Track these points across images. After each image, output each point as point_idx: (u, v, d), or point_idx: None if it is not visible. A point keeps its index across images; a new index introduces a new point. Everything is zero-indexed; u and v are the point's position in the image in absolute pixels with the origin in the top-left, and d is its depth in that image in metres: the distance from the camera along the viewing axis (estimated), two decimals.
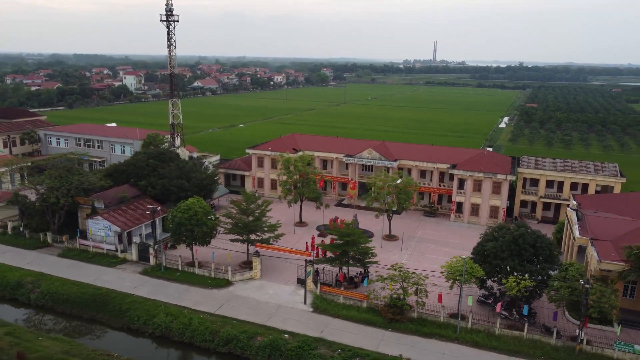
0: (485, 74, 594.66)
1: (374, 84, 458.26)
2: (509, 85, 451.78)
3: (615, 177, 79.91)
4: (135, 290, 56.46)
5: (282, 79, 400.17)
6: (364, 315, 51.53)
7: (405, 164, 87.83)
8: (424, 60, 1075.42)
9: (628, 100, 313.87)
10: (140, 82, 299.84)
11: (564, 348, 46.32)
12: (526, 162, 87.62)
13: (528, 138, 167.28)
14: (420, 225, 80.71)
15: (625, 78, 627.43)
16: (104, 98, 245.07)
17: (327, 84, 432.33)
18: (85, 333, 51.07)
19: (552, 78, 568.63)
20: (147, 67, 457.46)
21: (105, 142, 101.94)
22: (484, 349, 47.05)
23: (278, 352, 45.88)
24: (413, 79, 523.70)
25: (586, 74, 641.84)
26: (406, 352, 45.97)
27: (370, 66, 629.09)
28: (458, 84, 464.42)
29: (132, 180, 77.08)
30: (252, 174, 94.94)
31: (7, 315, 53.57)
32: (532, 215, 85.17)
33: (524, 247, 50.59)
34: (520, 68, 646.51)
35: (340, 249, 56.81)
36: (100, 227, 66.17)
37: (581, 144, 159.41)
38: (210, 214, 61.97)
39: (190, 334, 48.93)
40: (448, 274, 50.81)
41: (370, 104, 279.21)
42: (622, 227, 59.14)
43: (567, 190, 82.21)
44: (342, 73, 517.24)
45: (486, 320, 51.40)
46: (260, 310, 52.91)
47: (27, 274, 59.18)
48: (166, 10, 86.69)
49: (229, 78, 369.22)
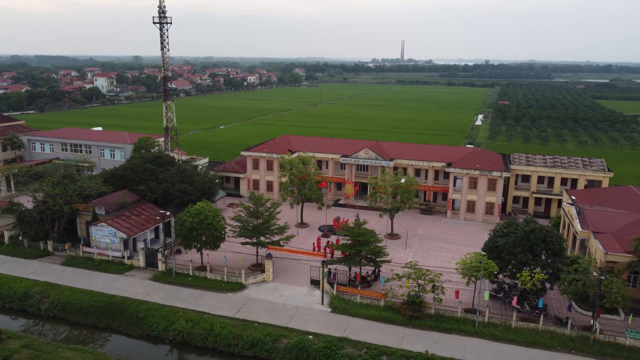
0: (453, 72, 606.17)
1: (346, 84, 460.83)
2: (478, 83, 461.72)
3: (604, 171, 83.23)
4: (148, 297, 55.77)
5: (255, 79, 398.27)
6: (383, 313, 52.35)
7: (401, 163, 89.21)
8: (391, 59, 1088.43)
9: (593, 97, 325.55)
10: (112, 84, 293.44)
11: (579, 338, 48.23)
12: (517, 159, 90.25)
13: (506, 135, 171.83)
14: (419, 223, 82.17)
15: (586, 75, 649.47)
16: (76, 101, 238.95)
17: (300, 83, 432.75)
18: (104, 342, 50.22)
19: (517, 76, 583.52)
20: (115, 69, 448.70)
21: (94, 146, 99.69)
22: (502, 342, 48.55)
23: (305, 353, 46.22)
24: (384, 78, 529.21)
25: (549, 71, 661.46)
26: (429, 348, 46.95)
27: (341, 65, 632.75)
28: (429, 83, 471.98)
29: (130, 185, 75.96)
30: (248, 177, 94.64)
31: (18, 327, 52.16)
32: (525, 211, 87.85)
33: (535, 242, 52.29)
34: (487, 66, 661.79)
35: (354, 249, 57.51)
36: (105, 234, 64.99)
37: (557, 140, 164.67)
38: (219, 218, 61.70)
39: (213, 338, 48.73)
40: (464, 271, 52.13)
41: (346, 104, 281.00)
42: (620, 220, 61.87)
43: (558, 185, 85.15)
44: (314, 73, 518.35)
45: (499, 314, 52.98)
46: (279, 312, 53.11)
47: (33, 284, 57.66)
48: (159, 12, 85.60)
49: (202, 79, 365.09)
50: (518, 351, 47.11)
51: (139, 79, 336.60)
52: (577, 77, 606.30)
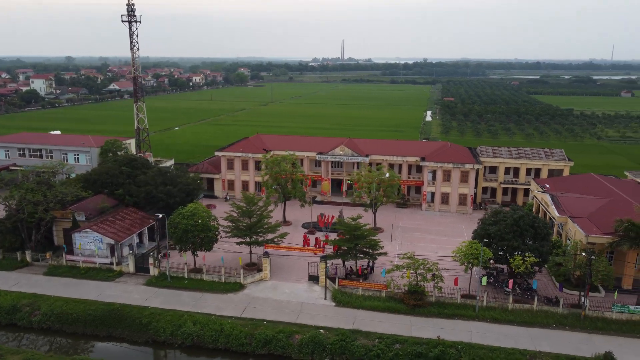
0: (394, 70, 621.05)
1: (292, 83, 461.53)
2: (419, 80, 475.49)
3: (564, 161, 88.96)
4: (147, 302, 54.35)
5: (200, 79, 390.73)
6: (387, 304, 53.81)
7: (376, 158, 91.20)
8: (332, 58, 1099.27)
9: (528, 92, 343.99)
10: (51, 86, 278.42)
11: (571, 315, 51.78)
12: (485, 151, 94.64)
13: (458, 130, 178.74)
14: (398, 217, 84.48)
15: (517, 72, 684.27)
16: (13, 104, 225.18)
17: (246, 83, 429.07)
18: (110, 351, 48.58)
19: (455, 73, 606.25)
20: (47, 70, 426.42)
21: (55, 151, 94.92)
22: (503, 324, 51.28)
23: (321, 347, 46.86)
24: (329, 77, 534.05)
25: (484, 68, 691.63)
26: (437, 334, 48.90)
27: (285, 65, 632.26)
28: (373, 81, 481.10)
29: (107, 189, 73.33)
30: (222, 177, 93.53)
31: (11, 342, 49.43)
32: (493, 201, 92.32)
33: (525, 228, 55.50)
34: (426, 64, 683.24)
35: (352, 243, 58.68)
36: (89, 240, 62.49)
37: (505, 133, 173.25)
38: (212, 218, 60.99)
39: (224, 339, 48.33)
40: (461, 258, 54.53)
41: (297, 103, 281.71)
42: (591, 205, 66.55)
43: (524, 175, 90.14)
44: (259, 72, 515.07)
45: (494, 297, 55.81)
46: (285, 309, 53.36)
47: (19, 297, 54.60)
48: (127, 11, 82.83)
49: (146, 80, 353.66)
50: (519, 331, 49.95)
51: (78, 80, 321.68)
52: (510, 74, 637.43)
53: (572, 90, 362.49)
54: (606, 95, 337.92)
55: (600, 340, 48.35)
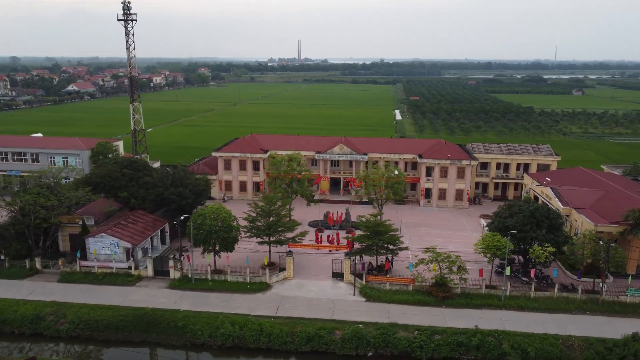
0: (353, 70, 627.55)
1: (254, 83, 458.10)
2: (380, 80, 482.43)
3: (552, 156, 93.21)
4: (176, 305, 53.44)
5: (161, 80, 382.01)
6: (416, 297, 55.13)
7: (374, 156, 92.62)
8: (288, 58, 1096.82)
9: (487, 91, 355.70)
10: (7, 87, 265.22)
11: (590, 300, 54.72)
12: (476, 148, 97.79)
13: (431, 128, 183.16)
14: (398, 213, 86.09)
15: (470, 71, 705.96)
16: None
17: (207, 84, 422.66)
18: (145, 356, 47.48)
19: (412, 73, 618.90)
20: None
21: (42, 154, 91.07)
22: (528, 311, 53.59)
23: (364, 341, 47.60)
24: (291, 77, 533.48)
25: (439, 68, 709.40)
26: (470, 324, 50.58)
27: (245, 65, 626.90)
28: (334, 81, 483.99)
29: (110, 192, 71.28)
30: (219, 178, 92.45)
31: (43, 352, 47.51)
32: (485, 195, 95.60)
33: (541, 219, 58.17)
34: (384, 64, 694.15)
35: (374, 240, 59.71)
36: (105, 245, 60.64)
37: (477, 131, 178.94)
38: (233, 218, 60.55)
39: (265, 338, 48.27)
40: (484, 250, 56.58)
41: (265, 103, 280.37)
42: (590, 196, 70.28)
43: (514, 170, 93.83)
44: (219, 73, 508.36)
45: (512, 286, 58.07)
46: (318, 306, 53.71)
47: (40, 305, 52.44)
48: (123, 9, 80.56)
49: (104, 80, 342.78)
50: (545, 317, 52.35)
51: (32, 81, 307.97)
52: (464, 73, 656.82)
53: (526, 89, 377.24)
54: (559, 93, 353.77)
55: (621, 322, 51.39)
